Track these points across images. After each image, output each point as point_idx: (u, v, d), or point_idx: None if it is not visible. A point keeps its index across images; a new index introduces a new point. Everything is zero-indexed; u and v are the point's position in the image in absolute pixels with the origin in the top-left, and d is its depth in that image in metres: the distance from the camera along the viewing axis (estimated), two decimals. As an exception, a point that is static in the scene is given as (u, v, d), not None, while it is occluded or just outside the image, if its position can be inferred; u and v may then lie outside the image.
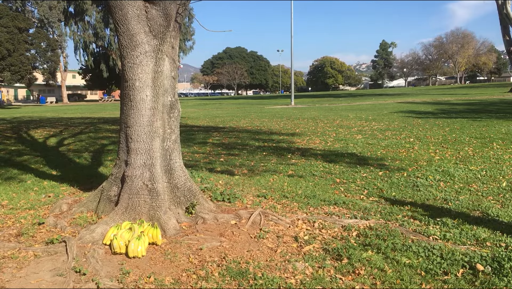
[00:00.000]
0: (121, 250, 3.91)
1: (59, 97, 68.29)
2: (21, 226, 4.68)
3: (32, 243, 4.20)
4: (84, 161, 8.96)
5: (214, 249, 4.01)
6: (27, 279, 3.46)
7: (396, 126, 14.11)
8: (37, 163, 8.72)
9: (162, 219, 4.42)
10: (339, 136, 11.94)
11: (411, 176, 6.73)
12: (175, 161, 4.92)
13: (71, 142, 12.28)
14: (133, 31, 4.50)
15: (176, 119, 4.98)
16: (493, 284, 3.18)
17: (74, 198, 5.59)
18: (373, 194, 5.82)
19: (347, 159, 8.36)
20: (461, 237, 4.11)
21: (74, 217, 4.81)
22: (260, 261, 3.73)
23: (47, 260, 3.80)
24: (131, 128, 4.65)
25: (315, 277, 3.39)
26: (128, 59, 4.58)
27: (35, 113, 31.53)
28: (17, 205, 5.55)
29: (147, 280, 3.42)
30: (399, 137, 11.23)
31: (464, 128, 12.79)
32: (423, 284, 3.23)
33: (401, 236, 4.16)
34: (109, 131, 15.27)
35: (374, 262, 3.60)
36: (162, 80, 4.72)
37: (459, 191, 5.80)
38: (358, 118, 17.61)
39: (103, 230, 4.23)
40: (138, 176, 4.61)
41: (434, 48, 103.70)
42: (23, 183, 6.80)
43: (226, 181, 6.68)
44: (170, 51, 4.84)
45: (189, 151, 9.96)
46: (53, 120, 22.01)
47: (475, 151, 8.76)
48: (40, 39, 49.10)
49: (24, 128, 16.84)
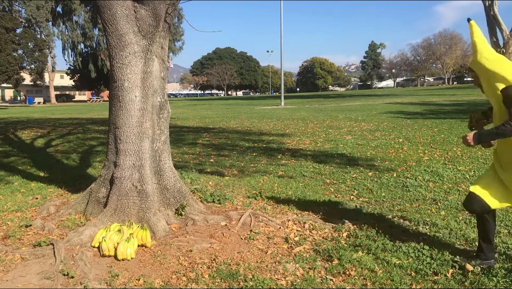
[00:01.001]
0: (110, 252, 3.86)
1: (47, 97, 67.62)
2: (7, 229, 4.61)
3: (19, 245, 4.14)
4: (72, 162, 8.87)
5: (204, 250, 3.98)
6: (14, 283, 3.40)
7: (386, 126, 14.19)
8: (25, 165, 8.62)
9: (152, 221, 4.38)
10: (329, 137, 11.96)
11: (401, 176, 6.76)
12: (165, 162, 4.89)
13: (59, 143, 12.15)
14: (122, 31, 4.45)
15: (165, 120, 4.94)
16: (483, 284, 3.19)
17: (62, 200, 5.52)
18: (363, 194, 5.83)
19: (337, 160, 8.38)
20: (451, 237, 4.13)
21: (62, 219, 4.75)
22: (251, 262, 3.71)
23: (35, 263, 3.75)
24: (120, 129, 4.60)
25: (306, 278, 3.38)
26: (117, 60, 4.53)
27: (23, 113, 31.19)
28: (4, 207, 5.47)
29: (137, 282, 3.39)
30: (389, 138, 11.29)
31: (453, 128, 12.90)
32: (413, 285, 3.23)
33: (391, 236, 4.17)
34: (98, 132, 15.15)
35: (364, 263, 3.60)
36: (151, 80, 4.68)
37: (448, 192, 5.84)
38: (347, 119, 17.68)
39: (91, 232, 4.17)
40: (127, 177, 4.57)
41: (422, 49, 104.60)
42: (10, 184, 6.71)
43: (216, 182, 6.65)
44: (160, 52, 4.81)
45: (179, 152, 9.91)
46: (41, 120, 21.78)
47: (464, 151, 8.83)
48: (27, 39, 48.56)
49: (11, 129, 16.64)
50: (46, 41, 55.12)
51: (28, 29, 51.79)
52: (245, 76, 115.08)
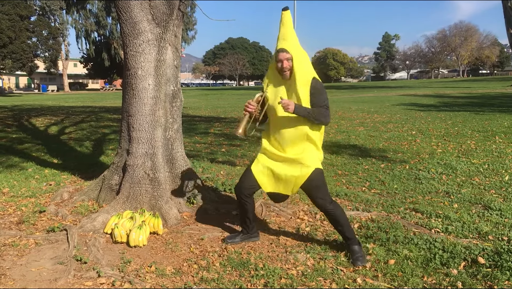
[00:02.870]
0: (122, 239, 3.90)
1: (60, 85, 68.14)
2: (22, 214, 4.67)
3: (33, 231, 4.20)
4: (85, 150, 8.95)
5: (215, 239, 4.00)
6: (28, 267, 3.45)
7: (398, 118, 14.07)
8: (38, 151, 8.71)
9: (164, 209, 4.41)
10: (341, 128, 11.91)
11: (413, 168, 6.71)
12: (177, 151, 4.90)
13: (72, 131, 12.26)
14: (136, 19, 4.45)
15: (178, 109, 4.95)
16: (495, 277, 3.17)
17: (75, 186, 5.58)
18: (375, 186, 5.81)
19: (349, 151, 8.34)
20: (463, 230, 4.10)
21: (75, 205, 4.80)
22: (262, 251, 3.72)
23: (48, 248, 3.80)
24: (133, 117, 4.62)
25: (317, 268, 3.38)
26: (131, 48, 4.54)
27: (36, 101, 31.47)
28: (18, 193, 5.54)
29: (148, 269, 3.42)
30: (401, 130, 11.20)
31: (467, 121, 12.75)
32: (424, 277, 3.22)
33: (403, 228, 4.15)
34: (111, 120, 15.24)
35: (375, 254, 3.59)
36: (164, 69, 4.68)
37: (461, 185, 5.78)
38: (360, 110, 17.56)
39: (104, 219, 4.22)
40: (140, 165, 4.59)
41: (437, 41, 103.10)
42: (24, 171, 6.79)
43: (228, 172, 6.66)
44: (173, 40, 4.80)
45: (191, 141, 9.94)
46: (54, 108, 21.97)
47: (478, 144, 8.73)
48: (41, 27, 48.80)
49: (25, 116, 16.82)
50: (60, 29, 55.38)
51: (43, 17, 52.06)
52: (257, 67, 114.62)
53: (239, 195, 3.73)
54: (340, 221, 3.55)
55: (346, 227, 3.57)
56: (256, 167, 3.64)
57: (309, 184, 3.48)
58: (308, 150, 3.52)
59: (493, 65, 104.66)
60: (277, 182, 3.59)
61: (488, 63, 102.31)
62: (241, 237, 3.91)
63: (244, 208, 3.79)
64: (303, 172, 3.46)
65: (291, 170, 3.50)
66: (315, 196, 3.53)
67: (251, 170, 3.64)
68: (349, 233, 3.57)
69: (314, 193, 3.52)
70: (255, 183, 3.63)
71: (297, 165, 3.49)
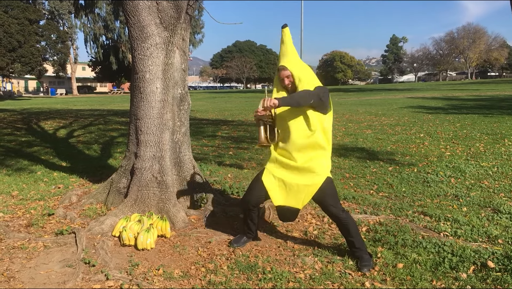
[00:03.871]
0: (130, 242, 3.92)
1: (69, 89, 68.60)
2: (31, 217, 4.70)
3: (42, 233, 4.22)
4: (93, 153, 8.99)
5: (223, 242, 4.00)
6: (37, 270, 3.47)
7: (406, 121, 14.01)
8: (47, 154, 8.77)
9: (171, 212, 4.42)
10: (348, 131, 11.87)
11: (422, 171, 6.67)
12: (185, 154, 4.91)
13: (80, 134, 12.33)
14: (144, 23, 4.48)
15: (186, 112, 4.96)
16: (505, 281, 3.14)
17: (84, 189, 5.61)
18: (383, 189, 5.78)
19: (357, 154, 8.31)
20: (473, 234, 4.07)
21: (83, 208, 4.83)
22: (269, 255, 3.72)
23: (57, 251, 3.82)
24: (141, 120, 4.64)
25: (325, 272, 3.37)
26: (139, 51, 4.56)
27: (45, 104, 31.71)
28: (27, 195, 5.58)
29: (156, 272, 3.42)
30: (409, 133, 11.15)
31: (475, 124, 12.67)
32: (433, 281, 3.20)
33: (411, 232, 4.13)
34: (119, 123, 15.32)
35: (384, 257, 3.58)
36: (172, 72, 4.70)
37: (470, 188, 5.74)
38: (367, 113, 17.51)
39: (112, 222, 4.23)
40: (148, 168, 4.61)
41: (445, 43, 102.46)
42: (33, 174, 6.83)
43: (235, 175, 6.66)
44: (181, 43, 4.82)
45: (198, 144, 9.95)
46: (63, 111, 22.11)
47: (487, 147, 8.67)
48: (50, 31, 49.22)
49: (34, 120, 16.94)
50: (68, 33, 55.87)
51: (51, 21, 52.52)
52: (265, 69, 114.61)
53: (246, 207, 3.75)
54: (350, 231, 3.52)
55: (356, 237, 3.53)
56: (268, 179, 3.62)
57: (321, 193, 3.47)
58: (318, 158, 3.50)
59: (502, 67, 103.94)
60: (288, 194, 3.55)
61: (497, 65, 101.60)
62: (246, 240, 3.92)
63: (251, 216, 3.80)
64: (315, 181, 3.45)
65: (303, 180, 3.49)
66: (327, 204, 3.50)
67: (262, 181, 3.62)
68: (359, 243, 3.54)
69: (327, 202, 3.50)
70: (264, 193, 3.63)
71: (308, 174, 3.48)
